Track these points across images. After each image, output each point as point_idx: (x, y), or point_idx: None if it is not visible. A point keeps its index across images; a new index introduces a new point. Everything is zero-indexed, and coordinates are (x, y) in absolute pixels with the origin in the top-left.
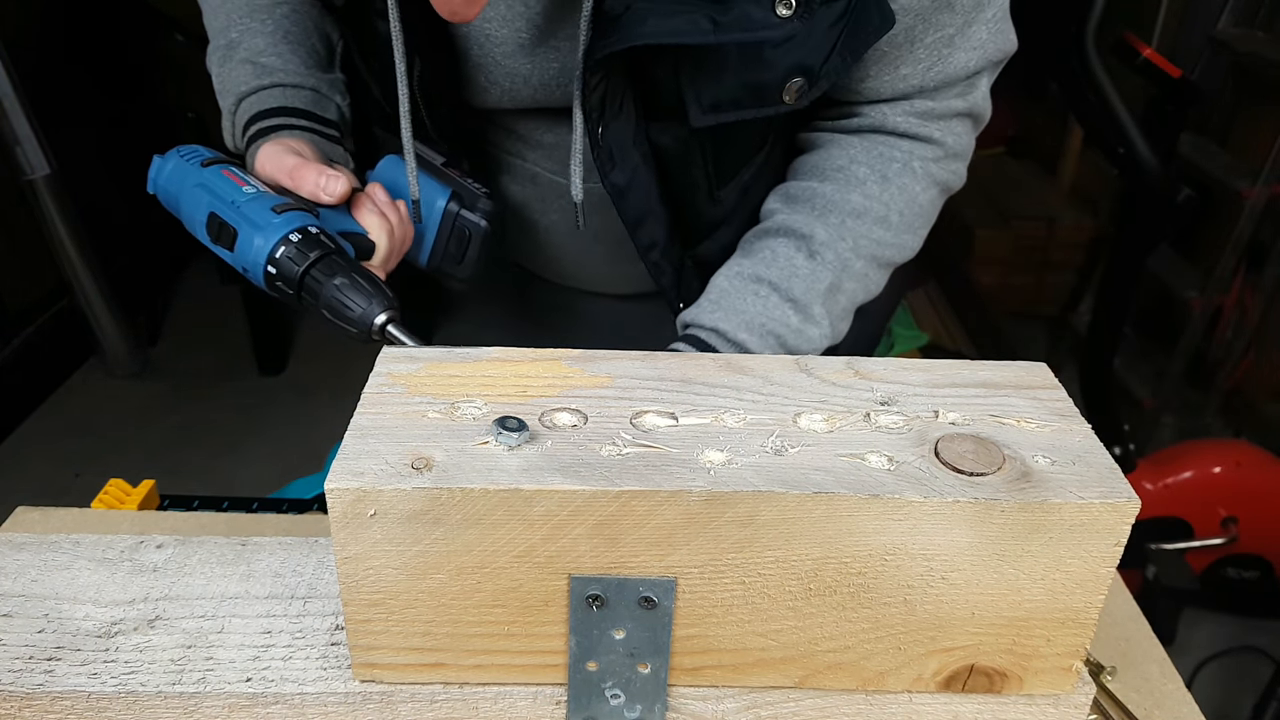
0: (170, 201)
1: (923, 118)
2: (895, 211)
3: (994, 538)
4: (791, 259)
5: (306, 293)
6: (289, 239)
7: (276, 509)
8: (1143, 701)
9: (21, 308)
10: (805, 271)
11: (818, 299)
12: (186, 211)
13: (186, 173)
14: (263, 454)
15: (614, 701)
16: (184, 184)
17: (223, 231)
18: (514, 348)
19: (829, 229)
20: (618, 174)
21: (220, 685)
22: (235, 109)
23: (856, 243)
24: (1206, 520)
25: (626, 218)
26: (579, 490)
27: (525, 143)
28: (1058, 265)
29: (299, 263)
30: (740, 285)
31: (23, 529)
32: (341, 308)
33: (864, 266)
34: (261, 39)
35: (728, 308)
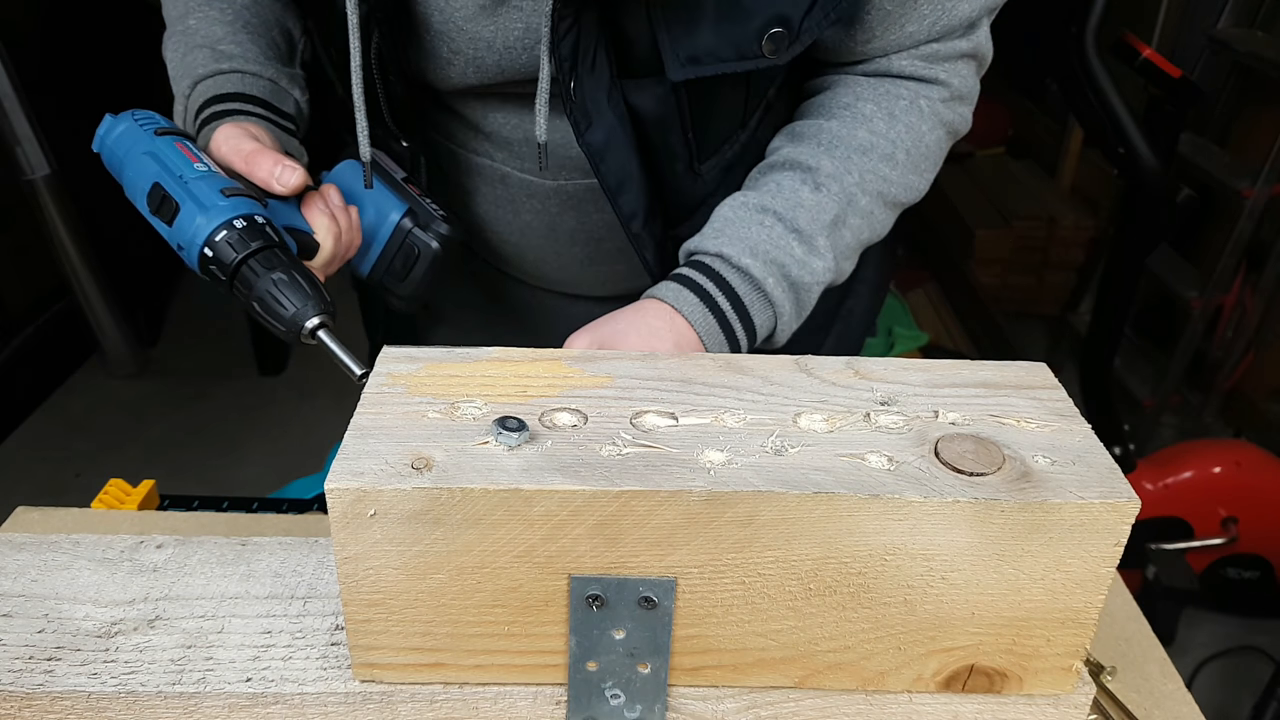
0: (114, 163)
1: (928, 60)
2: (902, 149)
3: (994, 538)
4: (796, 190)
5: (240, 282)
6: (232, 224)
7: (276, 509)
8: (1143, 701)
9: (21, 308)
10: (810, 203)
11: (822, 230)
12: (130, 177)
13: (137, 138)
14: (263, 454)
15: (614, 701)
16: (132, 149)
17: (164, 204)
18: (513, 348)
19: (835, 162)
20: (594, 132)
21: (220, 685)
22: (190, 92)
23: (863, 177)
24: (1206, 520)
25: (608, 182)
26: (579, 490)
27: (493, 141)
28: (1058, 265)
29: (238, 250)
30: (744, 214)
31: (23, 529)
32: (274, 303)
33: (869, 203)
34: (220, 27)
35: (731, 235)
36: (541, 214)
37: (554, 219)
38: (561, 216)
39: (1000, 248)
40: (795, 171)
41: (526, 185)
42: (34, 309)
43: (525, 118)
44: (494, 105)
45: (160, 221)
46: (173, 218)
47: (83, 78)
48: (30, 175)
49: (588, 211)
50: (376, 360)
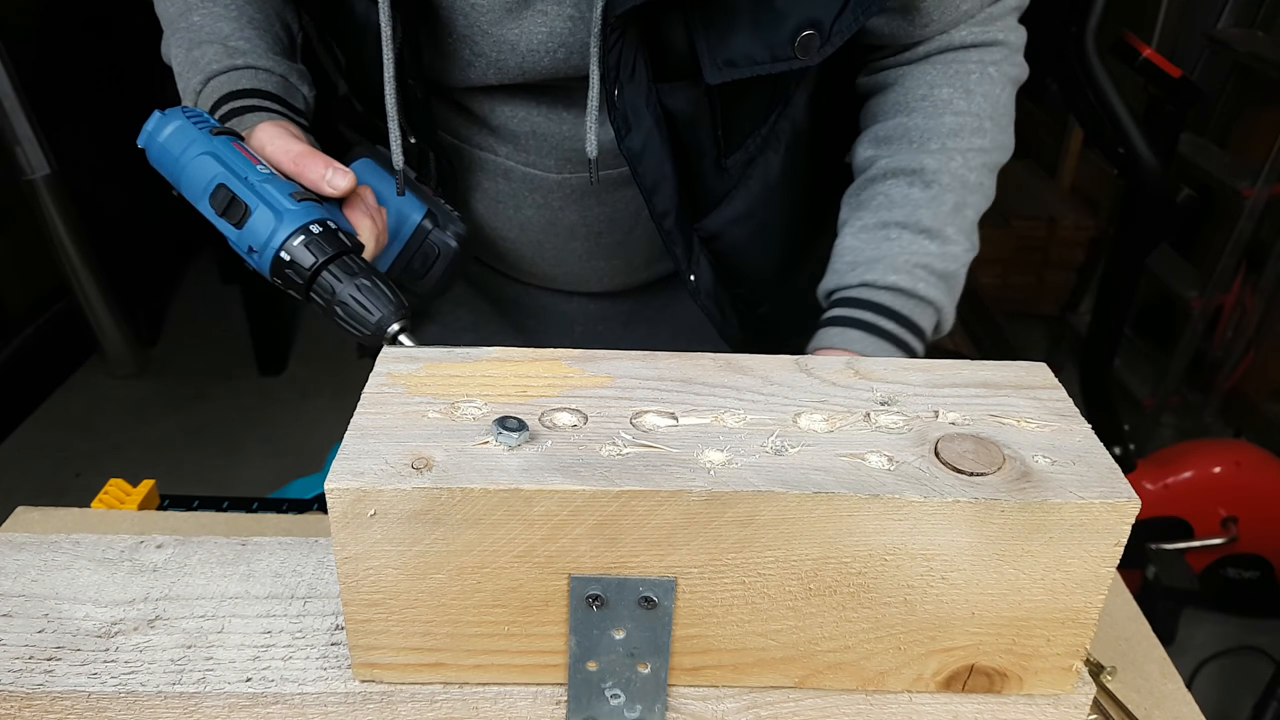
0: (165, 161)
1: (983, 25)
2: (987, 118)
3: (994, 538)
4: (908, 195)
5: (318, 289)
6: (309, 229)
7: (276, 509)
8: (1143, 701)
9: (21, 308)
10: (926, 201)
11: (948, 221)
12: (189, 175)
13: (194, 136)
14: (263, 454)
15: (614, 701)
16: (189, 147)
17: (232, 206)
18: (513, 348)
19: (934, 156)
20: (633, 138)
21: (220, 685)
22: (201, 88)
23: (965, 158)
24: (1206, 520)
25: (644, 183)
26: (579, 490)
27: (498, 135)
28: (1058, 265)
29: (317, 255)
30: (868, 238)
31: (23, 529)
32: (360, 310)
33: (978, 178)
34: (226, 23)
35: (866, 261)
36: (543, 208)
37: (555, 213)
38: (564, 210)
39: (1000, 248)
40: (900, 178)
41: (530, 180)
42: (34, 309)
43: (533, 111)
44: (502, 99)
45: (227, 223)
46: (242, 220)
47: (83, 78)
48: (30, 175)
49: (590, 205)
50: (377, 360)
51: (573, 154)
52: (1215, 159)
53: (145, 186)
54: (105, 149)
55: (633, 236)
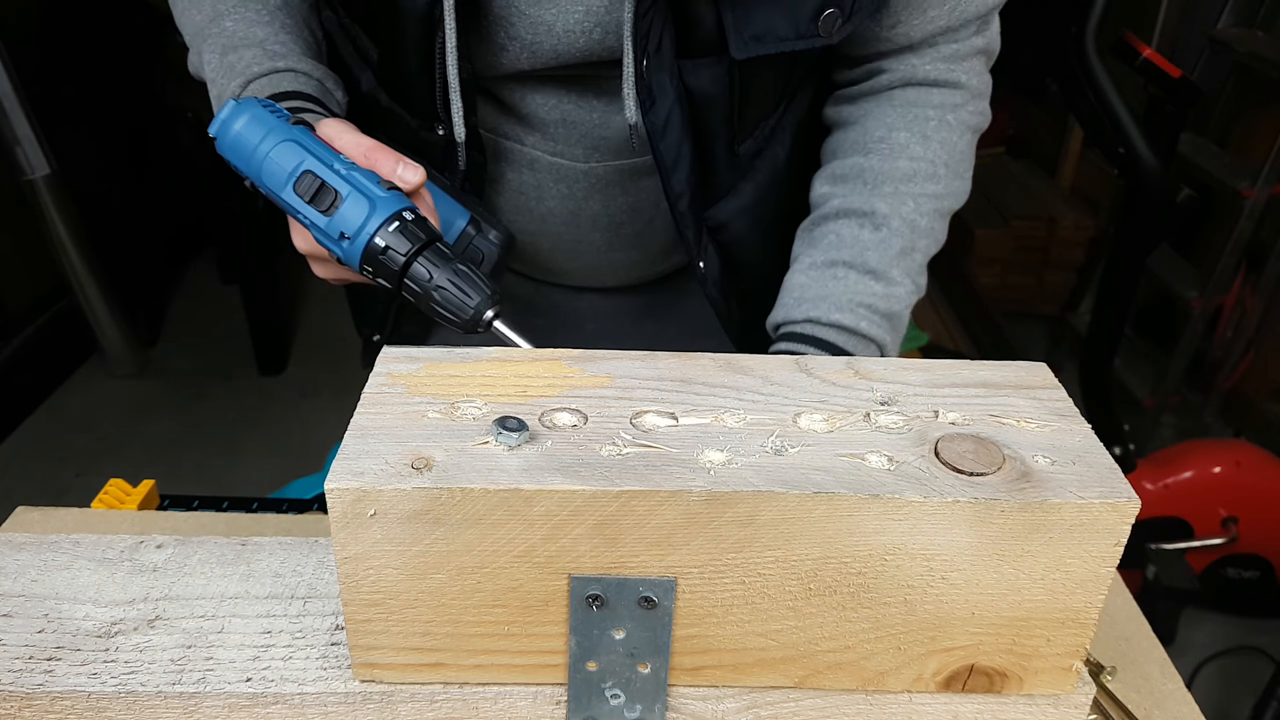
0: (240, 148)
1: (948, 61)
2: (941, 165)
3: (994, 538)
4: (858, 236)
5: (411, 277)
6: (402, 215)
7: (276, 509)
8: (1143, 701)
9: (21, 308)
10: (874, 243)
11: (894, 264)
12: (271, 163)
13: (272, 124)
14: (263, 454)
15: (614, 701)
16: (269, 134)
17: (321, 193)
18: (513, 348)
19: (886, 200)
20: (657, 112)
21: (220, 685)
22: (241, 91)
23: (917, 203)
24: (1206, 520)
25: (663, 161)
26: (579, 490)
27: (527, 124)
28: (1058, 265)
29: (412, 242)
30: (816, 275)
31: (23, 529)
32: (458, 297)
33: (928, 222)
34: (260, 29)
35: (813, 298)
36: (567, 199)
37: (579, 203)
38: (587, 200)
39: (1000, 248)
40: (852, 219)
41: (556, 169)
42: (34, 309)
43: (563, 99)
44: (532, 87)
45: (314, 210)
46: (332, 207)
47: (83, 78)
48: (30, 175)
49: (614, 195)
50: (376, 360)
51: (601, 142)
52: (1215, 159)
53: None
54: (105, 149)
55: (651, 227)
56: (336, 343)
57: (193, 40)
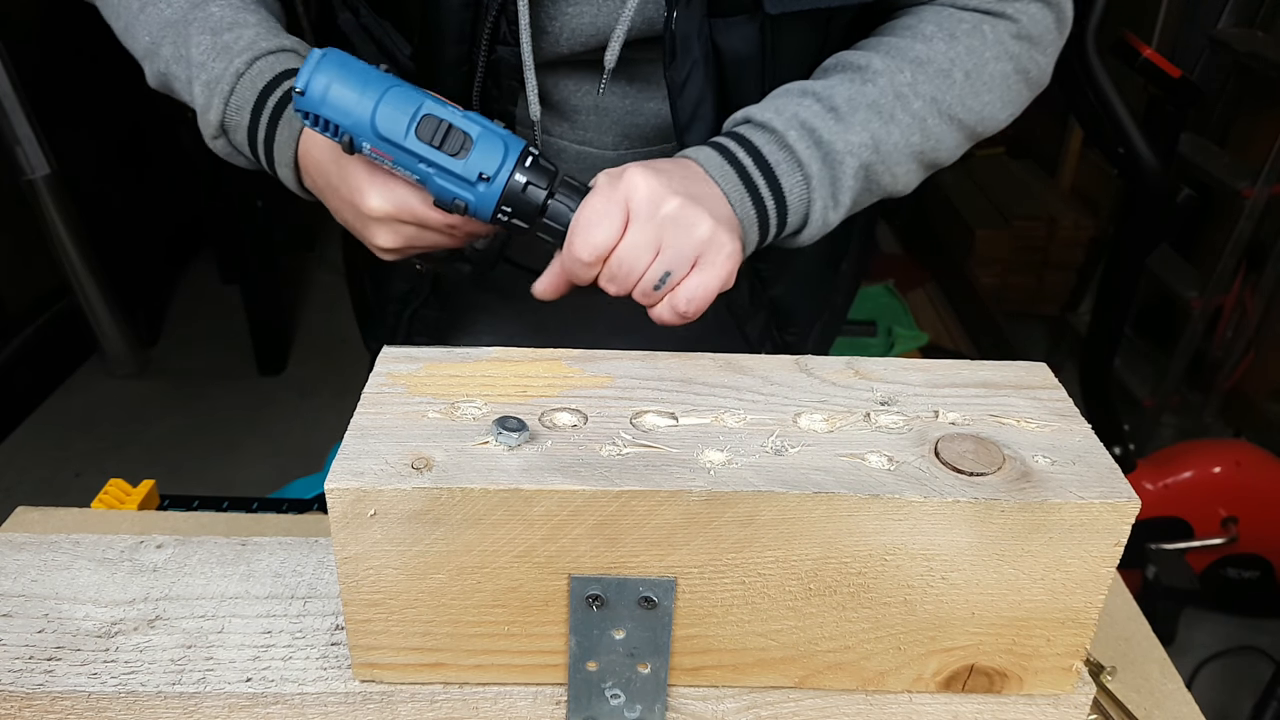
0: (340, 99)
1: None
2: (960, 69)
3: (994, 538)
4: (842, 81)
5: (551, 214)
6: (530, 152)
7: (276, 509)
8: (1143, 701)
9: (21, 308)
10: (849, 88)
11: (859, 109)
12: (386, 109)
13: (371, 72)
14: (263, 454)
15: (614, 701)
16: (370, 81)
17: (449, 136)
18: (513, 348)
19: (885, 61)
20: (676, 67)
21: (220, 685)
22: (247, 69)
23: (915, 78)
24: (1206, 520)
25: (679, 118)
26: (579, 490)
27: (556, 112)
28: (1058, 265)
29: (549, 177)
30: (783, 94)
31: (23, 529)
32: None
33: (923, 108)
34: (249, 14)
35: (764, 106)
36: None
37: None
38: None
39: (1000, 248)
40: (845, 71)
41: (583, 158)
42: (34, 309)
43: (595, 85)
44: (565, 73)
45: (443, 154)
46: (463, 149)
47: (83, 78)
48: (30, 175)
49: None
50: (377, 360)
51: (631, 129)
52: (1215, 159)
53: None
54: (105, 149)
55: None
56: (336, 343)
57: (159, 36)
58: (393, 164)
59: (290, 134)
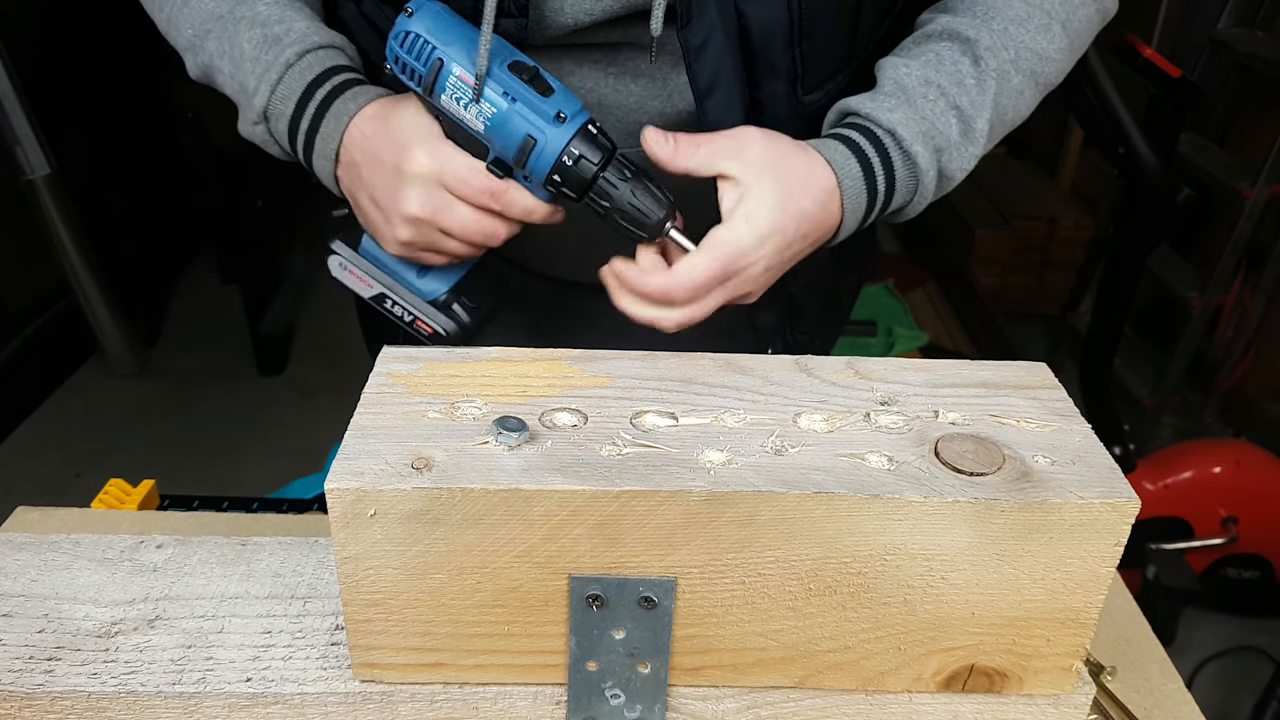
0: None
1: None
2: (1058, 21)
3: (994, 538)
4: (958, 63)
5: (596, 191)
6: (590, 125)
7: (276, 509)
8: (1143, 701)
9: (21, 308)
10: (972, 81)
11: (982, 111)
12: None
13: (463, 22)
14: (263, 454)
15: (614, 701)
16: (466, 27)
17: (538, 78)
18: (513, 348)
19: (993, 34)
20: (693, 30)
21: (220, 685)
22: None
23: (1018, 53)
24: (1206, 520)
25: (698, 84)
26: (579, 490)
27: None
28: (1058, 265)
29: (603, 151)
30: (913, 85)
31: (23, 529)
32: (639, 214)
33: (1021, 82)
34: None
35: (903, 117)
36: None
37: None
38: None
39: (1000, 248)
40: (954, 42)
41: None
42: (34, 309)
43: (600, 82)
44: (569, 68)
45: (532, 89)
46: (548, 91)
47: (83, 78)
48: (30, 175)
49: None
50: (376, 360)
51: (636, 126)
52: (1215, 159)
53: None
54: (105, 149)
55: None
56: (336, 343)
57: (203, 29)
58: (471, 99)
59: (337, 126)
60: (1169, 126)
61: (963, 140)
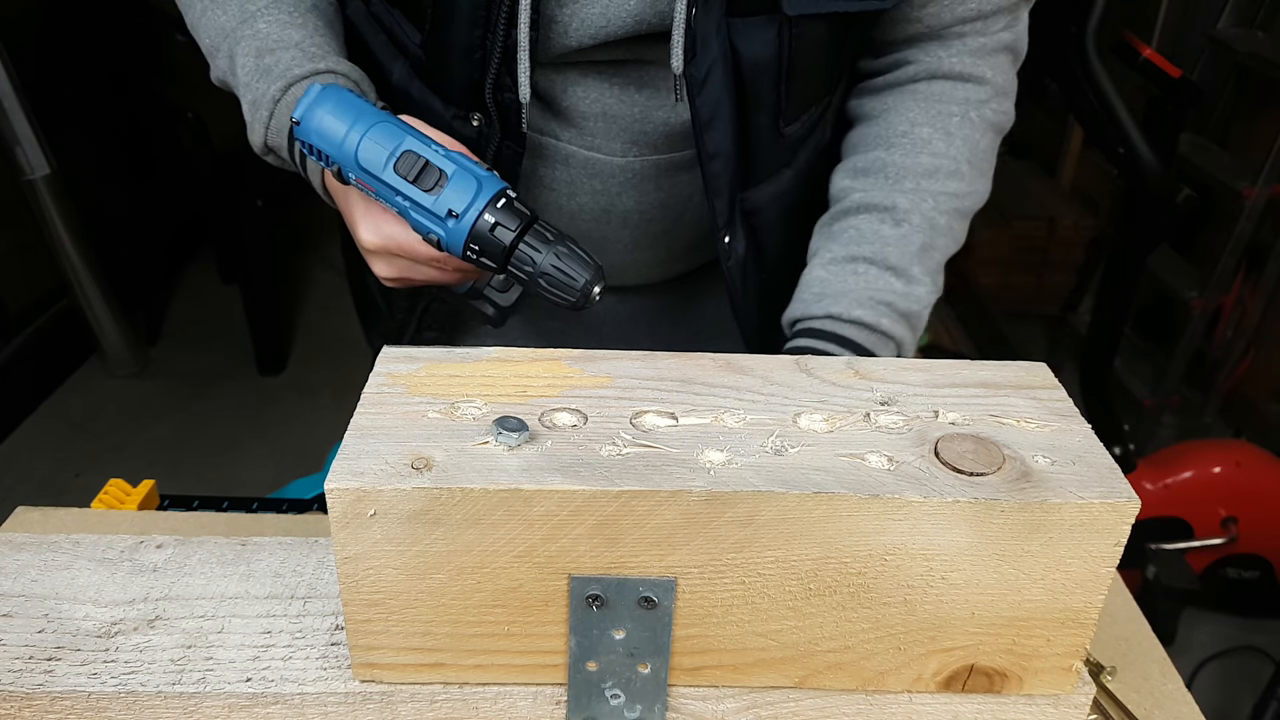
0: (329, 132)
1: (974, 55)
2: (964, 162)
3: (994, 538)
4: (879, 231)
5: (517, 260)
6: (506, 194)
7: (276, 509)
8: (1143, 701)
9: (21, 308)
10: (895, 239)
11: (914, 261)
12: (369, 144)
13: (363, 107)
14: (263, 454)
15: (614, 701)
16: (360, 117)
17: (425, 172)
18: (513, 348)
19: (907, 196)
20: (698, 64)
21: (220, 685)
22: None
23: (936, 201)
24: (1206, 520)
25: (700, 115)
26: (579, 490)
27: (564, 118)
28: (1058, 265)
29: (519, 219)
30: (837, 270)
31: (23, 529)
32: (565, 279)
33: (948, 221)
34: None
35: (833, 294)
36: (600, 195)
37: (612, 199)
38: (620, 196)
39: (1000, 248)
40: (872, 213)
41: (590, 165)
42: (34, 309)
43: (605, 92)
44: (574, 79)
45: (418, 189)
46: (437, 186)
47: (83, 78)
48: (30, 175)
49: (648, 190)
50: (377, 360)
51: (640, 136)
52: (1215, 159)
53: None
54: (105, 149)
55: (681, 223)
56: (336, 343)
57: (216, 44)
58: (375, 195)
59: (315, 171)
60: (1169, 127)
61: (906, 286)
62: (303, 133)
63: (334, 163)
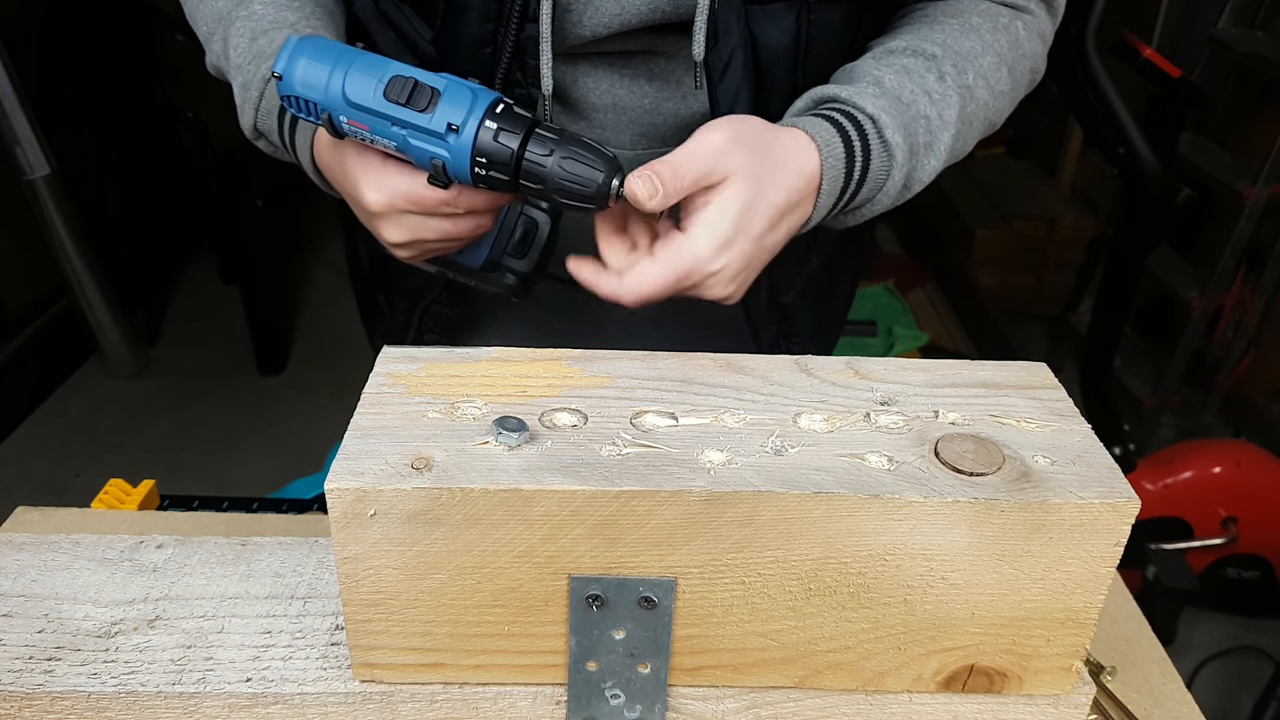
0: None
1: None
2: (1005, 64)
3: (994, 538)
4: (924, 77)
5: (529, 161)
6: (503, 101)
7: (276, 509)
8: (1143, 701)
9: (21, 308)
10: (939, 95)
11: (948, 126)
12: (355, 78)
13: (341, 48)
14: (263, 454)
15: (614, 701)
16: (342, 56)
17: (416, 92)
18: (513, 348)
19: (954, 58)
20: (718, 52)
21: (220, 685)
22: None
23: (975, 79)
24: (1206, 520)
25: (719, 104)
26: (579, 490)
27: (574, 110)
28: (1058, 265)
29: (522, 123)
30: (891, 84)
31: (23, 529)
32: (575, 182)
33: (974, 111)
34: (291, 12)
35: (888, 99)
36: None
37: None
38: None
39: (1000, 248)
40: (920, 58)
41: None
42: (34, 309)
43: (616, 84)
44: (585, 70)
45: (411, 110)
46: (431, 104)
47: (83, 78)
48: (30, 175)
49: None
50: (376, 360)
51: (650, 129)
52: (1215, 159)
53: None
54: (105, 149)
55: None
56: (336, 343)
57: (212, 28)
58: (370, 134)
59: (306, 139)
60: (1169, 126)
61: (926, 151)
62: (286, 87)
63: (324, 110)
